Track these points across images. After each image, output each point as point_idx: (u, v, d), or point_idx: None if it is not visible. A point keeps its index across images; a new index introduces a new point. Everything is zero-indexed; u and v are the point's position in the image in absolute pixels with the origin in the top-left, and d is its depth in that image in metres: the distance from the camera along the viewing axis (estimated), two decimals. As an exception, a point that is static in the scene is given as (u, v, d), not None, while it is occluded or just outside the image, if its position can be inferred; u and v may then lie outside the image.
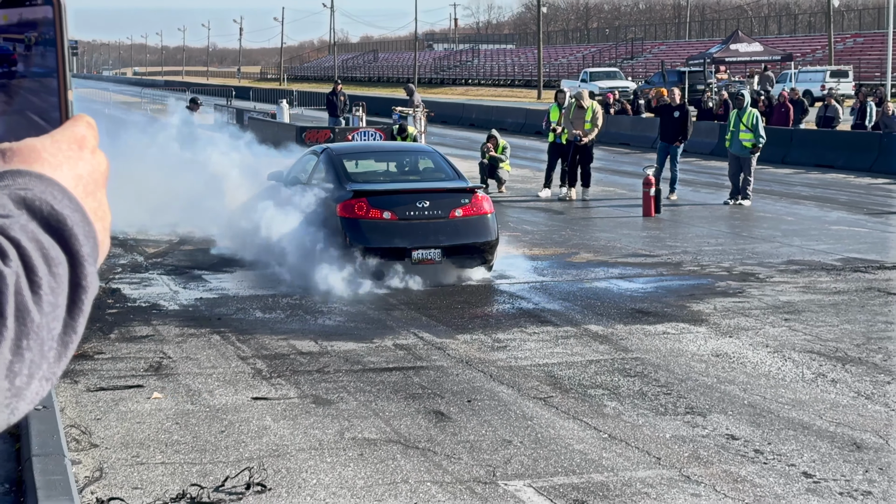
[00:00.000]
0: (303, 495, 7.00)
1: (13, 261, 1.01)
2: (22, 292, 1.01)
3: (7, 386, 1.00)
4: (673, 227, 19.27)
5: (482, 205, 14.05)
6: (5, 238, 1.02)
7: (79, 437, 8.09)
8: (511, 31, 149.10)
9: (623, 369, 9.98)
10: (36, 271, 1.02)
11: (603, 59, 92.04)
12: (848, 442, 7.97)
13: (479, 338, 11.22)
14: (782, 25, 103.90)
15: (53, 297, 1.03)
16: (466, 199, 14.00)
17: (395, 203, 13.74)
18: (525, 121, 45.14)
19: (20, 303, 1.00)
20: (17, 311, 1.00)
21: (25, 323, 1.01)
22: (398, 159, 15.71)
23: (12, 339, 1.00)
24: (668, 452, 7.76)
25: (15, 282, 1.00)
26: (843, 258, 15.66)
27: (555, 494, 6.99)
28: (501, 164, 24.51)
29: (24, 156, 1.10)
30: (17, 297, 1.00)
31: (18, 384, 1.01)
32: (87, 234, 1.07)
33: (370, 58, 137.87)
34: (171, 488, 7.12)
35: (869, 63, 67.53)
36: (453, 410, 8.74)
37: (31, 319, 1.01)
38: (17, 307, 1.00)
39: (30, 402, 1.04)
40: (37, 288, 1.02)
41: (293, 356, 10.50)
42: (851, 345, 10.79)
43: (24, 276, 1.01)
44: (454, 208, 13.86)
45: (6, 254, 1.01)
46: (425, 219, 13.70)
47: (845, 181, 26.77)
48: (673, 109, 23.46)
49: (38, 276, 1.02)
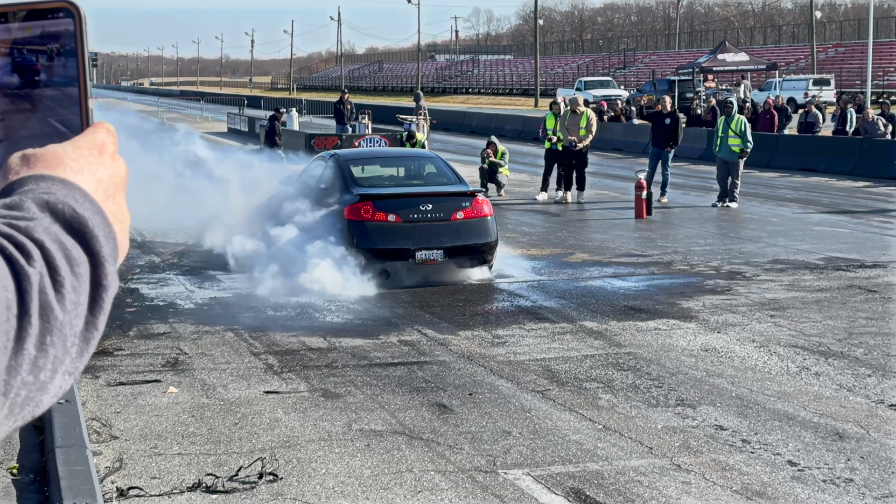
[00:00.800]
0: (312, 484, 7.00)
1: (37, 261, 1.01)
2: (46, 291, 1.01)
3: (32, 380, 1.01)
4: (664, 229, 19.25)
5: (482, 208, 14.10)
6: (29, 240, 1.02)
7: (100, 430, 8.10)
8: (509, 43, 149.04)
9: (617, 363, 9.97)
10: (59, 271, 1.02)
11: (597, 69, 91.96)
12: (831, 432, 7.96)
13: (479, 334, 11.21)
14: (767, 36, 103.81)
15: (76, 295, 1.03)
16: (467, 203, 14.05)
17: (400, 206, 13.79)
18: (523, 128, 45.11)
19: (44, 301, 1.01)
20: (41, 309, 1.01)
21: (49, 320, 1.01)
22: (402, 165, 15.77)
23: (37, 335, 1.00)
24: (660, 442, 7.76)
25: (39, 281, 1.01)
26: (825, 257, 15.65)
27: (552, 483, 6.99)
28: (500, 169, 24.49)
29: (48, 161, 1.10)
30: (41, 296, 1.01)
31: (43, 378, 1.01)
32: (108, 236, 1.08)
33: (375, 68, 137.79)
34: (188, 478, 7.12)
35: (850, 72, 67.47)
36: (455, 403, 8.74)
37: (55, 317, 1.01)
38: (42, 305, 1.01)
39: (53, 395, 1.04)
40: (60, 287, 1.02)
41: (303, 352, 10.50)
42: (834, 339, 10.78)
43: (47, 275, 1.01)
44: (455, 211, 13.91)
45: (31, 255, 1.01)
46: (428, 221, 13.75)
47: (827, 184, 26.75)
48: (664, 116, 23.43)
49: (61, 275, 1.02)
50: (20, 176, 1.09)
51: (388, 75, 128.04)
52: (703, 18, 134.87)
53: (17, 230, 1.03)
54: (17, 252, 1.01)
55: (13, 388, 0.99)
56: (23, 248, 1.01)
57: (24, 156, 1.12)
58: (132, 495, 6.82)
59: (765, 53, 77.74)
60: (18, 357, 0.99)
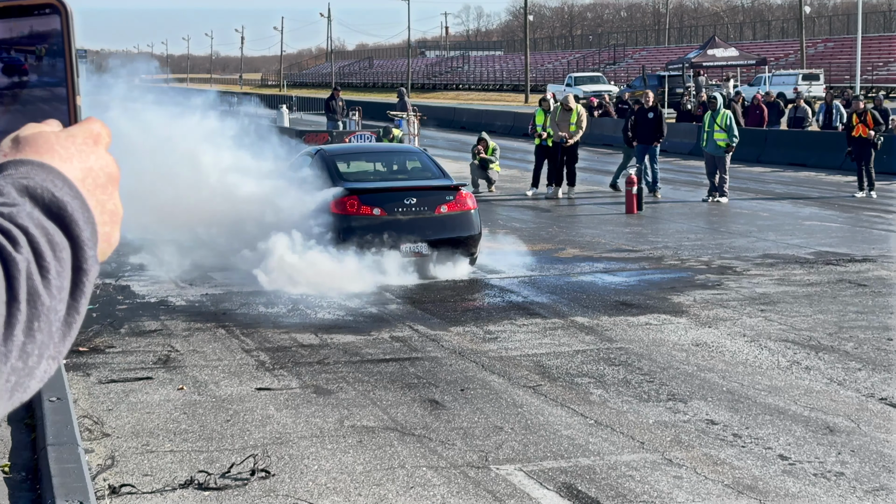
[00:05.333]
0: (305, 480, 7.00)
1: (23, 247, 1.01)
2: (33, 277, 1.01)
3: (21, 366, 1.01)
4: (654, 224, 19.27)
5: (466, 201, 14.28)
6: (14, 226, 1.02)
7: (91, 427, 8.08)
8: (499, 39, 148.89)
9: (608, 359, 9.98)
10: (44, 256, 1.02)
11: (587, 65, 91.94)
12: (821, 426, 7.98)
13: (471, 330, 11.22)
14: (756, 31, 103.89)
15: (60, 280, 1.03)
16: (451, 196, 14.22)
17: (385, 200, 13.94)
18: (513, 124, 45.11)
19: (31, 287, 1.01)
20: (28, 295, 1.01)
21: (36, 306, 1.01)
22: (388, 160, 15.86)
23: (25, 321, 1.00)
24: (652, 437, 7.77)
25: (27, 267, 1.01)
26: (815, 252, 15.68)
27: (544, 478, 6.99)
28: (491, 165, 24.50)
29: (38, 146, 1.10)
30: (28, 282, 1.01)
31: (31, 364, 1.02)
32: (87, 220, 1.07)
33: (365, 64, 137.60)
34: (180, 475, 7.11)
35: (839, 66, 67.57)
36: (447, 399, 8.74)
37: (42, 303, 1.01)
38: (29, 291, 1.01)
39: (39, 380, 1.04)
40: (45, 272, 1.02)
41: (295, 349, 10.49)
42: (824, 334, 10.81)
43: (34, 261, 1.01)
44: (440, 205, 14.09)
45: (17, 241, 1.01)
46: (413, 215, 13.93)
47: (817, 179, 26.80)
48: (647, 111, 23.38)
49: (46, 261, 1.02)
50: (6, 160, 1.09)
51: (378, 72, 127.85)
52: (693, 14, 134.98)
53: (1, 216, 1.02)
54: (3, 238, 1.01)
55: (3, 374, 0.99)
56: (9, 235, 1.01)
57: (16, 138, 1.11)
58: (124, 493, 6.81)
59: (754, 48, 77.76)
60: (8, 343, 0.99)
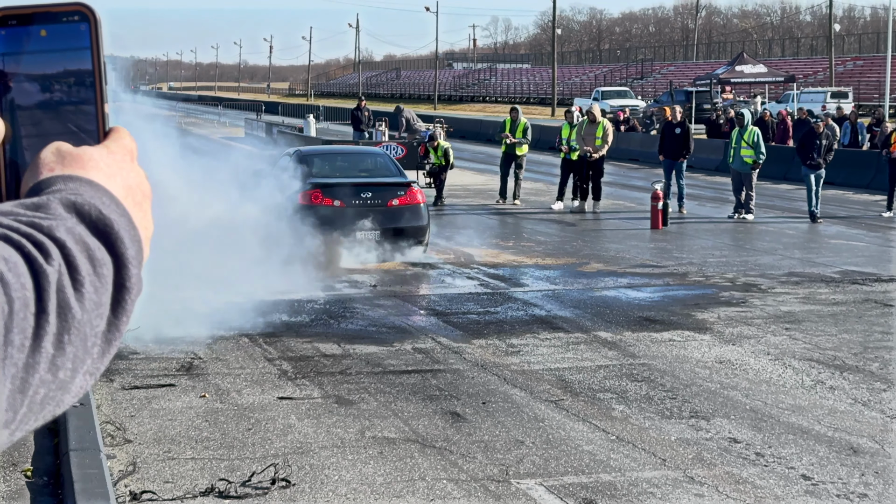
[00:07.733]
0: (325, 491, 7.00)
1: (55, 260, 1.02)
2: (64, 289, 1.01)
3: (50, 378, 1.01)
4: (679, 240, 19.22)
5: (416, 196, 16.46)
6: (50, 239, 1.03)
7: (114, 433, 8.11)
8: (527, 52, 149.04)
9: (630, 374, 9.95)
10: (79, 270, 1.02)
11: (614, 79, 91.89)
12: (845, 446, 7.93)
13: (493, 343, 11.21)
14: (785, 48, 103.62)
15: (97, 295, 1.04)
16: (402, 192, 16.44)
17: (344, 194, 16.20)
18: (539, 136, 44.98)
19: (62, 299, 1.01)
20: (59, 307, 1.01)
21: (67, 319, 1.01)
22: (354, 160, 18.30)
23: (54, 333, 1.00)
24: (673, 454, 7.74)
25: (57, 279, 1.01)
26: (841, 271, 15.60)
27: (565, 493, 6.97)
28: (518, 150, 24.70)
29: (83, 163, 1.11)
30: (59, 294, 1.01)
31: (62, 377, 1.02)
32: (133, 239, 1.08)
33: (393, 75, 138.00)
34: (201, 482, 7.12)
35: (868, 85, 67.31)
36: (469, 412, 8.73)
37: (73, 315, 1.02)
38: (59, 304, 1.01)
39: (74, 395, 1.04)
40: (79, 286, 1.02)
41: (317, 358, 10.51)
42: (849, 353, 10.74)
43: (66, 274, 1.02)
44: (392, 198, 16.31)
45: (49, 253, 1.02)
46: (368, 206, 16.16)
47: (844, 197, 26.66)
48: (674, 126, 23.34)
49: (81, 274, 1.03)
50: (53, 174, 1.10)
51: (405, 83, 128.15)
52: (722, 30, 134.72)
53: (38, 229, 1.03)
54: (35, 250, 1.01)
55: (31, 385, 0.99)
56: (41, 247, 1.02)
57: (59, 152, 1.12)
58: (145, 499, 6.83)
59: (783, 65, 77.59)
60: (36, 355, 0.99)
